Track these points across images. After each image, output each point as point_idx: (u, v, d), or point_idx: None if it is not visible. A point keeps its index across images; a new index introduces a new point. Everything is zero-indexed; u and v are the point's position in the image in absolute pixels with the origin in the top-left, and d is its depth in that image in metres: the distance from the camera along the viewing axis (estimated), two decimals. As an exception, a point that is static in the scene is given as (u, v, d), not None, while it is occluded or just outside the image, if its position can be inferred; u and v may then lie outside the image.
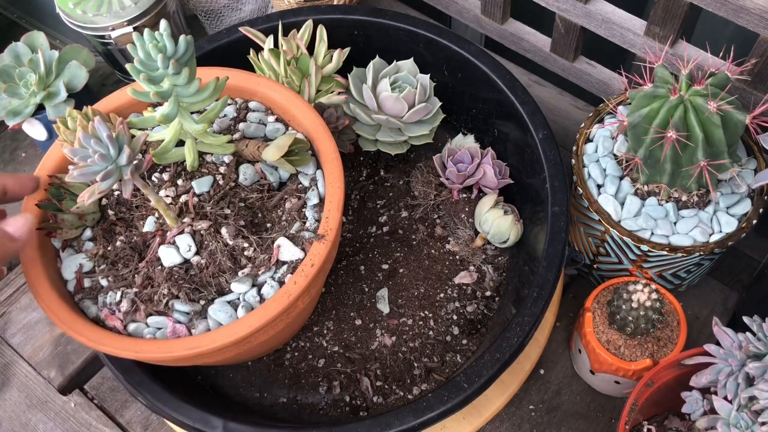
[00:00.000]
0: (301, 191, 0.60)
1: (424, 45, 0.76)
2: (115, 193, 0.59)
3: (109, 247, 0.57)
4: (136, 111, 0.63)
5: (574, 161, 0.71)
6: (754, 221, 0.66)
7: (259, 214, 0.59)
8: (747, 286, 0.78)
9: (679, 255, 0.66)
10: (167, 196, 0.58)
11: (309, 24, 0.74)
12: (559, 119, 0.92)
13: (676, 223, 0.67)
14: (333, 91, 0.74)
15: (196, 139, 0.57)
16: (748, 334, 0.56)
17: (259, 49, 0.74)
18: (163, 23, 0.50)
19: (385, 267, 0.75)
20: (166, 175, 0.59)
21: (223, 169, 0.60)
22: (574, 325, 0.76)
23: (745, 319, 0.57)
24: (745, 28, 0.67)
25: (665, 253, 0.66)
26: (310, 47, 0.74)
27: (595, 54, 0.87)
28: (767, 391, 0.52)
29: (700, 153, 0.62)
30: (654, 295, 0.63)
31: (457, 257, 0.76)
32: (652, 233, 0.67)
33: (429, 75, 0.77)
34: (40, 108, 0.79)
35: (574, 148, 0.72)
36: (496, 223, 0.71)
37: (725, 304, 0.79)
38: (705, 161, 0.62)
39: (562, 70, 0.88)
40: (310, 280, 0.54)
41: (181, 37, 0.51)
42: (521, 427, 0.73)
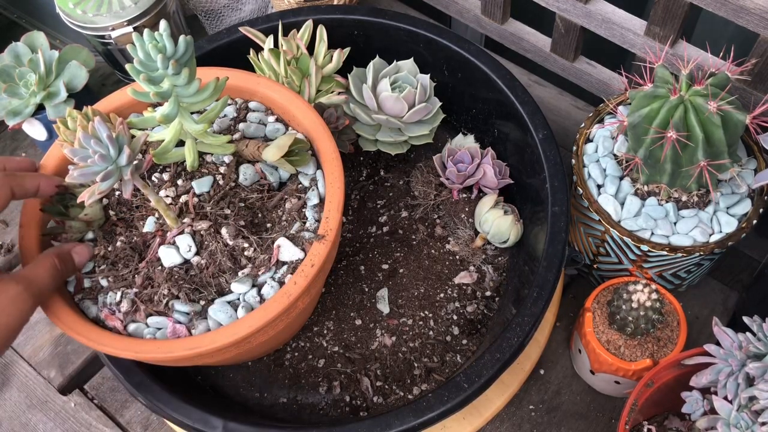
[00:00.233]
0: (301, 191, 0.60)
1: (424, 45, 0.76)
2: (116, 194, 0.59)
3: (110, 248, 0.57)
4: (136, 111, 0.63)
5: (574, 161, 0.71)
6: (754, 221, 0.66)
7: (259, 215, 0.59)
8: (747, 286, 0.78)
9: (679, 255, 0.66)
10: (167, 196, 0.58)
11: (309, 24, 0.74)
12: (559, 119, 0.92)
13: (676, 223, 0.67)
14: (333, 91, 0.74)
15: (196, 139, 0.57)
16: (748, 334, 0.56)
17: (259, 49, 0.74)
18: (162, 23, 0.50)
19: (385, 267, 0.75)
20: (166, 176, 0.59)
21: (223, 169, 0.60)
22: (574, 325, 0.76)
23: (745, 319, 0.57)
24: (745, 28, 0.67)
25: (665, 253, 0.66)
26: (310, 47, 0.74)
27: (595, 54, 0.87)
28: (767, 391, 0.52)
29: (700, 153, 0.62)
30: (654, 295, 0.63)
31: (457, 257, 0.76)
32: (652, 233, 0.67)
33: (429, 75, 0.77)
34: (40, 108, 0.79)
35: (574, 148, 0.72)
36: (496, 223, 0.71)
37: (725, 304, 0.79)
38: (705, 161, 0.62)
39: (562, 70, 0.88)
40: (310, 281, 0.54)
41: (181, 38, 0.51)
42: (521, 427, 0.73)
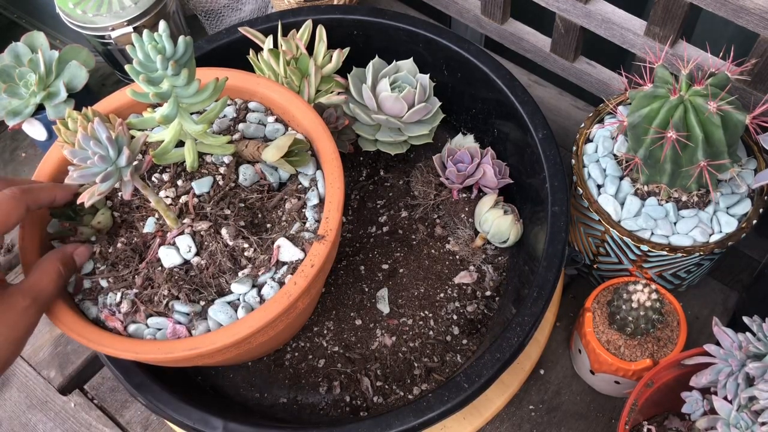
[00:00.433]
0: (301, 192, 0.60)
1: (424, 45, 0.76)
2: (119, 194, 0.59)
3: (110, 249, 0.57)
4: (135, 111, 0.63)
5: (574, 161, 0.71)
6: (754, 221, 0.66)
7: (259, 215, 0.59)
8: (747, 286, 0.78)
9: (679, 255, 0.66)
10: (167, 196, 0.58)
11: (308, 24, 0.74)
12: (559, 119, 0.92)
13: (676, 223, 0.67)
14: (333, 91, 0.74)
15: (196, 139, 0.57)
16: (748, 334, 0.56)
17: (258, 49, 0.74)
18: (162, 24, 0.50)
19: (385, 267, 0.75)
20: (166, 176, 0.59)
21: (222, 169, 0.60)
22: (574, 325, 0.76)
23: (745, 319, 0.57)
24: (745, 28, 0.67)
25: (665, 253, 0.66)
26: (310, 47, 0.74)
27: (595, 54, 0.87)
28: (767, 391, 0.52)
29: (700, 153, 0.62)
30: (654, 295, 0.63)
31: (457, 257, 0.76)
32: (652, 233, 0.67)
33: (429, 75, 0.77)
34: (40, 108, 0.79)
35: (574, 148, 0.72)
36: (496, 222, 0.71)
37: (725, 304, 0.79)
38: (705, 161, 0.62)
39: (562, 70, 0.88)
40: (310, 281, 0.54)
41: (180, 38, 0.51)
42: (521, 427, 0.73)
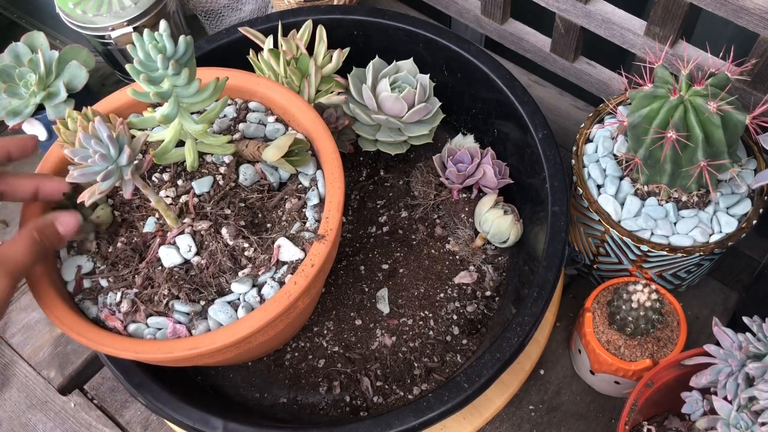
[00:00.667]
0: (301, 191, 0.60)
1: (424, 45, 0.76)
2: (119, 193, 0.59)
3: (110, 248, 0.57)
4: (136, 111, 0.63)
5: (574, 161, 0.71)
6: (754, 221, 0.66)
7: (259, 215, 0.59)
8: (747, 286, 0.78)
9: (679, 255, 0.66)
10: (167, 196, 0.58)
11: (308, 24, 0.74)
12: (559, 119, 0.92)
13: (676, 223, 0.67)
14: (333, 92, 0.74)
15: (196, 139, 0.57)
16: (748, 334, 0.56)
17: (258, 49, 0.74)
18: (162, 24, 0.50)
19: (385, 267, 0.75)
20: (166, 176, 0.59)
21: (223, 169, 0.60)
22: (574, 325, 0.76)
23: (745, 319, 0.57)
24: (745, 28, 0.67)
25: (665, 253, 0.66)
26: (310, 47, 0.74)
27: (595, 54, 0.87)
28: (767, 392, 0.52)
29: (700, 153, 0.62)
30: (654, 296, 0.63)
31: (457, 257, 0.76)
32: (652, 233, 0.67)
33: (429, 75, 0.77)
34: (40, 108, 0.79)
35: (574, 148, 0.72)
36: (496, 223, 0.71)
37: (725, 304, 0.79)
38: (705, 161, 0.62)
39: (562, 71, 0.88)
40: (310, 281, 0.54)
41: (181, 38, 0.51)
42: (521, 427, 0.73)
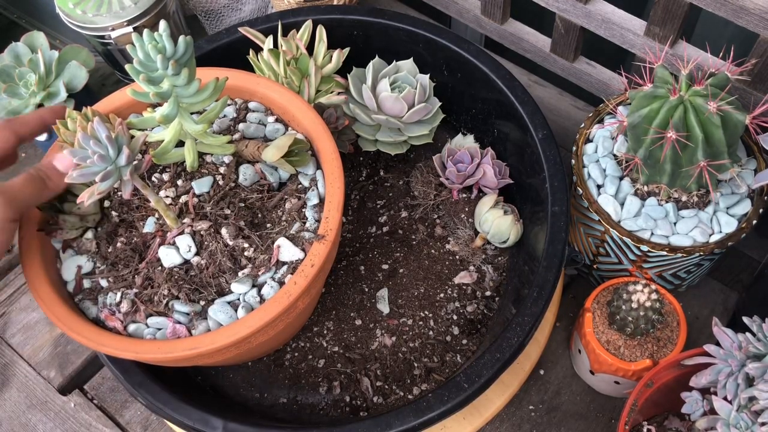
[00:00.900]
0: (301, 191, 0.60)
1: (424, 45, 0.76)
2: (118, 194, 0.59)
3: (110, 248, 0.57)
4: (135, 111, 0.63)
5: (574, 161, 0.71)
6: (754, 221, 0.66)
7: (259, 215, 0.59)
8: (747, 286, 0.78)
9: (679, 255, 0.66)
10: (167, 196, 0.58)
11: (308, 24, 0.74)
12: (559, 119, 0.92)
13: (675, 223, 0.67)
14: (333, 92, 0.74)
15: (196, 139, 0.57)
16: (748, 334, 0.56)
17: (258, 49, 0.74)
18: (162, 24, 0.50)
19: (385, 267, 0.75)
20: (165, 176, 0.59)
21: (222, 169, 0.60)
22: (574, 325, 0.76)
23: (745, 319, 0.57)
24: (745, 28, 0.67)
25: (665, 253, 0.66)
26: (310, 47, 0.74)
27: (595, 54, 0.87)
28: (767, 392, 0.52)
29: (699, 153, 0.62)
30: (654, 296, 0.63)
31: (457, 257, 0.76)
32: (652, 233, 0.67)
33: (429, 75, 0.77)
34: (40, 108, 0.79)
35: (574, 148, 0.72)
36: (496, 223, 0.71)
37: (725, 304, 0.79)
38: (705, 161, 0.62)
39: (562, 71, 0.88)
40: (310, 281, 0.54)
41: (181, 38, 0.51)
42: (521, 427, 0.73)
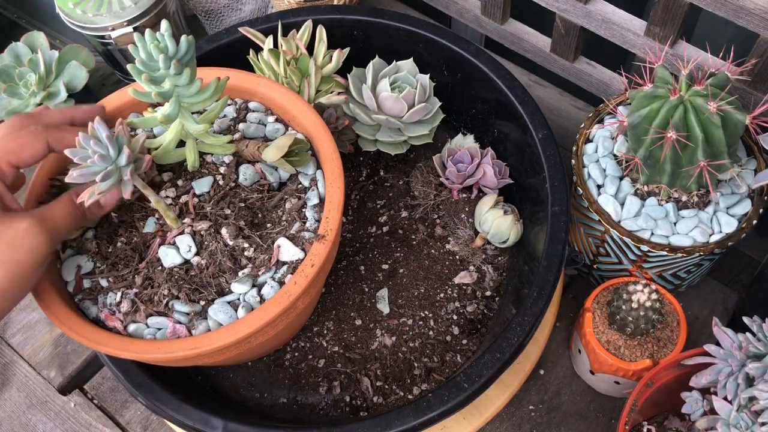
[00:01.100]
0: (301, 191, 0.60)
1: (424, 45, 0.76)
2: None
3: (110, 248, 0.57)
4: (136, 111, 0.63)
5: (574, 161, 0.71)
6: (754, 221, 0.66)
7: (259, 215, 0.59)
8: (747, 286, 0.78)
9: (679, 255, 0.66)
10: (167, 196, 0.58)
11: (308, 24, 0.74)
12: (559, 119, 0.92)
13: (676, 223, 0.67)
14: (333, 92, 0.74)
15: (197, 139, 0.57)
16: (748, 334, 0.56)
17: (258, 49, 0.74)
18: (164, 24, 0.50)
19: (385, 267, 0.75)
20: (166, 176, 0.59)
21: (223, 169, 0.60)
22: (574, 325, 0.76)
23: (745, 319, 0.57)
24: (745, 28, 0.67)
25: (665, 253, 0.66)
26: (310, 47, 0.74)
27: (595, 54, 0.87)
28: (767, 392, 0.52)
29: (700, 153, 0.62)
30: (654, 296, 0.63)
31: (457, 257, 0.76)
32: (652, 233, 0.67)
33: (429, 75, 0.76)
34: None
35: (574, 148, 0.72)
36: (496, 223, 0.71)
37: (725, 304, 0.79)
38: (705, 161, 0.62)
39: (562, 71, 0.88)
40: (310, 281, 0.54)
41: (183, 38, 0.51)
42: (521, 427, 0.73)
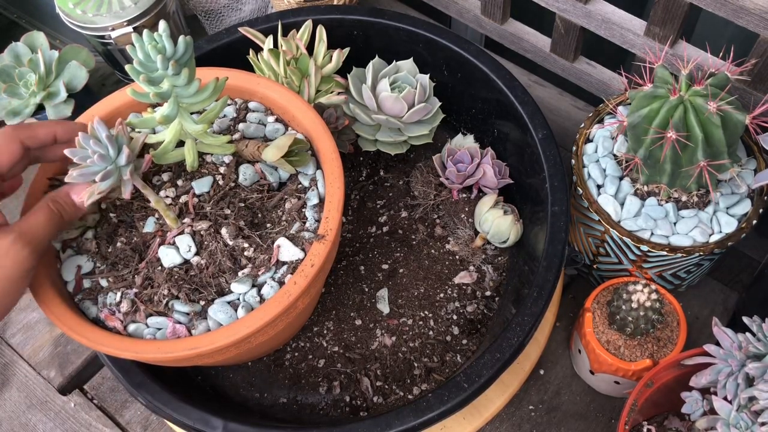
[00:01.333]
0: (300, 191, 0.60)
1: (424, 45, 0.76)
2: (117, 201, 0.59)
3: (110, 248, 0.57)
4: (135, 111, 0.63)
5: (574, 161, 0.71)
6: (754, 221, 0.66)
7: (259, 215, 0.59)
8: (747, 286, 0.78)
9: (679, 255, 0.66)
10: (167, 196, 0.58)
11: (308, 24, 0.74)
12: (559, 119, 0.92)
13: (675, 223, 0.67)
14: (333, 92, 0.74)
15: (196, 139, 0.57)
16: (748, 334, 0.56)
17: (258, 49, 0.74)
18: (162, 24, 0.50)
19: (385, 267, 0.75)
20: (165, 176, 0.59)
21: (222, 169, 0.60)
22: (573, 325, 0.76)
23: (745, 319, 0.57)
24: (745, 28, 0.67)
25: (665, 253, 0.66)
26: (310, 47, 0.74)
27: (595, 54, 0.87)
28: (767, 392, 0.52)
29: (699, 153, 0.62)
30: (654, 296, 0.63)
31: (457, 257, 0.76)
32: (652, 233, 0.67)
33: (429, 75, 0.76)
34: (40, 108, 0.79)
35: (574, 148, 0.72)
36: (496, 223, 0.71)
37: (725, 304, 0.79)
38: (705, 161, 0.62)
39: (562, 71, 0.88)
40: (310, 281, 0.54)
41: (181, 38, 0.51)
42: (521, 427, 0.73)
